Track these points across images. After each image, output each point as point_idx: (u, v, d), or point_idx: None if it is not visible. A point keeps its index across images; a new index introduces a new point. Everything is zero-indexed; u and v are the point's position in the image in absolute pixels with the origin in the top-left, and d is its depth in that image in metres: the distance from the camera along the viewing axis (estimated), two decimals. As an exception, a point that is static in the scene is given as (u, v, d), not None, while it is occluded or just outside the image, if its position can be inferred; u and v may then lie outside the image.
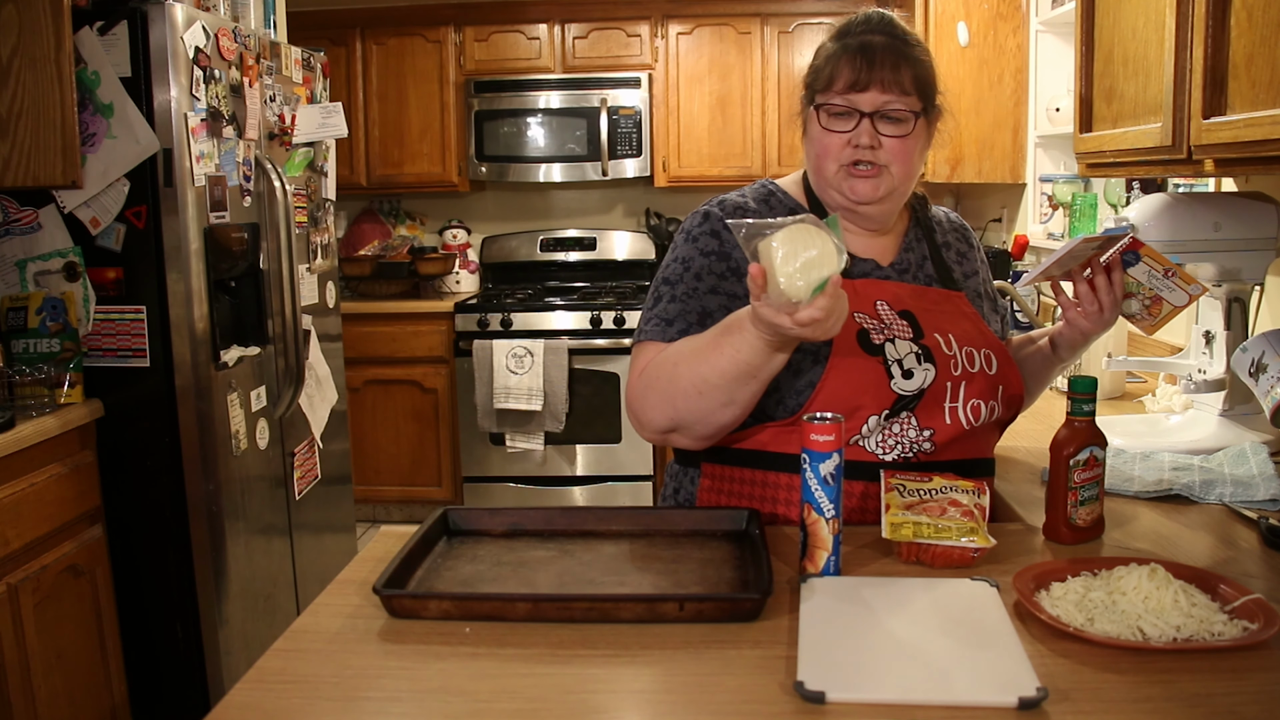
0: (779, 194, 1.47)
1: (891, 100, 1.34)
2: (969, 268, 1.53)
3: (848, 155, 1.36)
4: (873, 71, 1.34)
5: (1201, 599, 1.05)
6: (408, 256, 4.58)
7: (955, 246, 1.54)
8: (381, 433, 4.38)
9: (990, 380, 1.39)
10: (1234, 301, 1.75)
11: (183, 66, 2.30)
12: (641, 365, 1.36)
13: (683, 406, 1.29)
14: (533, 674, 0.97)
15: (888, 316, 1.38)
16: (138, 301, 2.35)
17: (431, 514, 1.33)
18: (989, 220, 4.04)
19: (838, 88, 1.35)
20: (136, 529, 2.42)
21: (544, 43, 4.52)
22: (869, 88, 1.34)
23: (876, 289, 1.40)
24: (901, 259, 1.46)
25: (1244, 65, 1.37)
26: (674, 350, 1.32)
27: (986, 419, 1.40)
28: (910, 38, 1.39)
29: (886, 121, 1.35)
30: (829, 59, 1.37)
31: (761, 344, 1.19)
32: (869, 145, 1.35)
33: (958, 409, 1.36)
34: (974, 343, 1.41)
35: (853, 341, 1.34)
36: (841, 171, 1.37)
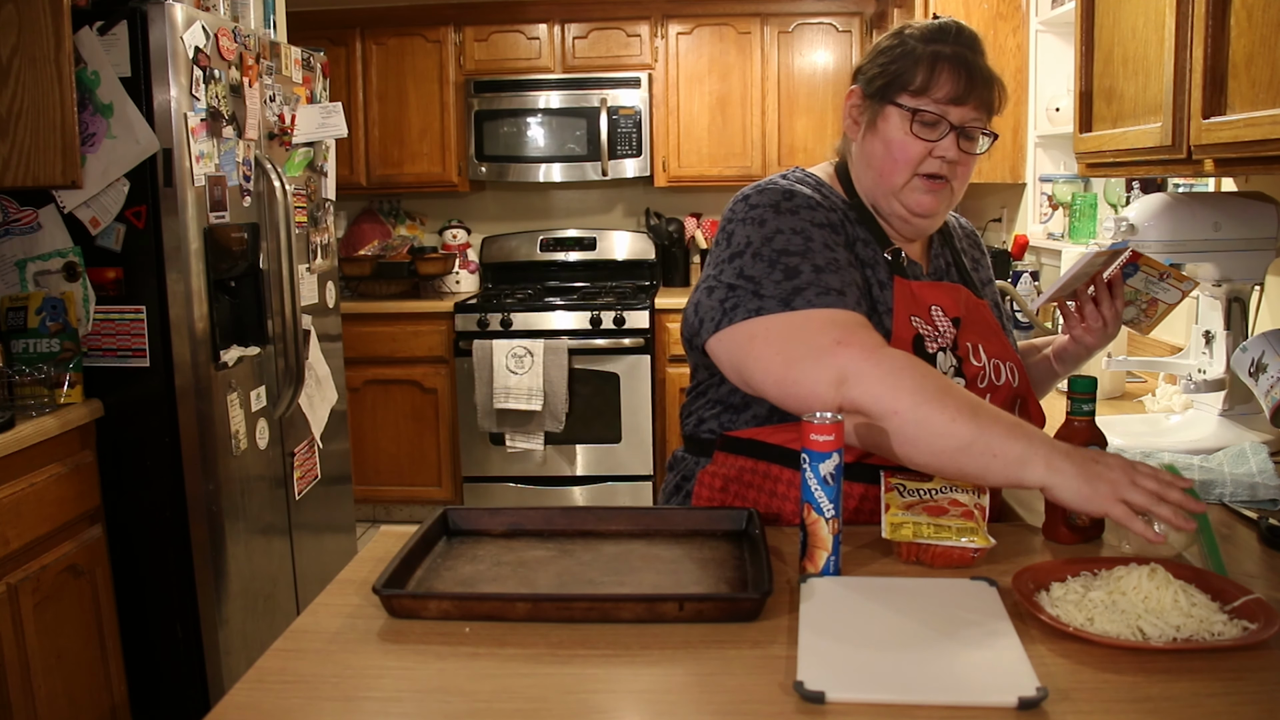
0: (824, 185, 1.40)
1: (979, 119, 1.33)
2: (984, 275, 1.52)
3: (928, 165, 1.32)
4: (973, 88, 1.31)
5: (1201, 599, 1.05)
6: (408, 256, 4.58)
7: (970, 253, 1.53)
8: (381, 433, 4.38)
9: (1012, 392, 1.38)
10: (1234, 301, 1.75)
11: (182, 66, 2.30)
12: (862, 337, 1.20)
13: (925, 413, 1.16)
14: (533, 674, 0.97)
15: (942, 324, 1.34)
16: (137, 301, 2.35)
17: (431, 514, 1.33)
18: (989, 220, 4.04)
19: (936, 96, 1.30)
20: (136, 529, 2.42)
21: (544, 43, 4.52)
22: (966, 102, 1.31)
23: (933, 293, 1.36)
24: (934, 264, 1.45)
25: (1244, 65, 1.37)
26: (944, 377, 1.21)
27: None
28: (987, 57, 1.36)
29: (966, 138, 1.33)
30: (924, 63, 1.31)
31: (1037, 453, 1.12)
32: (953, 159, 1.32)
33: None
34: (1000, 355, 1.39)
35: (908, 347, 1.31)
36: (913, 181, 1.33)
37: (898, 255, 1.35)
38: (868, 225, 1.37)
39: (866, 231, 1.36)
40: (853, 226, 1.35)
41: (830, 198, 1.37)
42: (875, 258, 1.34)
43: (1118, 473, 1.10)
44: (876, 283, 1.33)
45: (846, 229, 1.34)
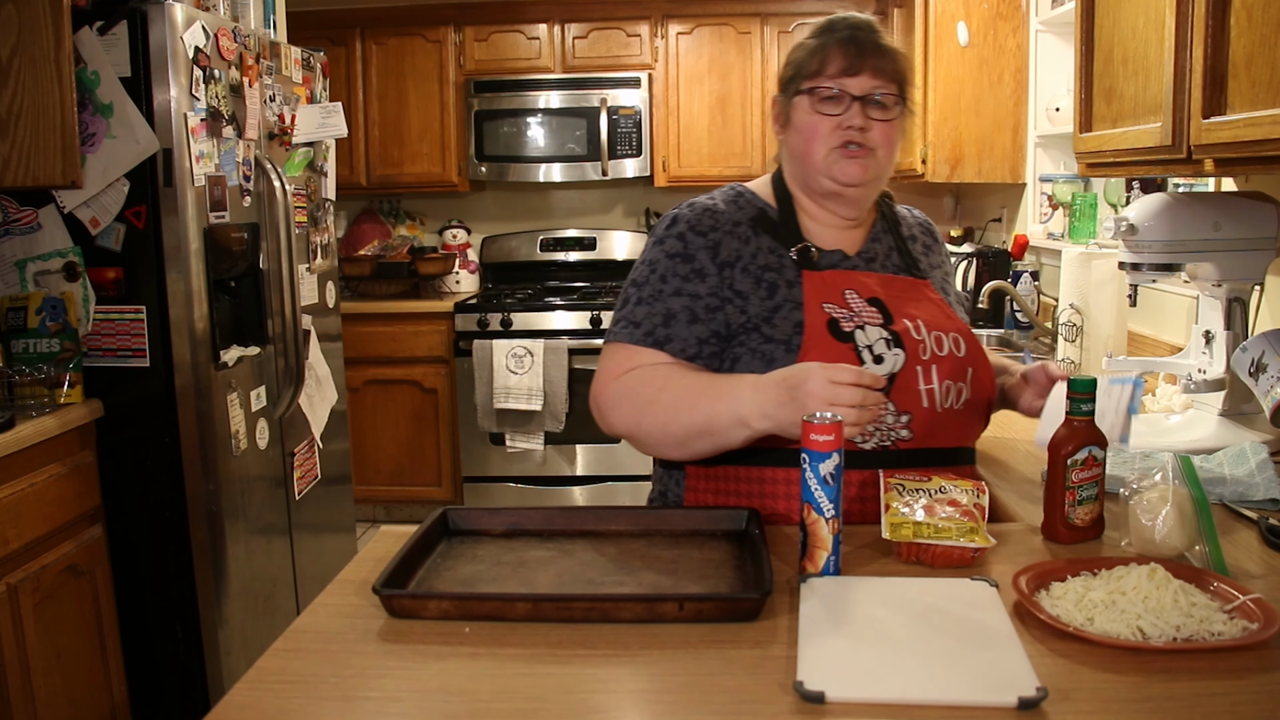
0: (747, 195, 1.51)
1: (880, 85, 1.40)
2: (933, 260, 1.57)
3: (838, 137, 1.40)
4: (864, 59, 1.39)
5: (1201, 598, 1.05)
6: (408, 256, 4.58)
7: (921, 240, 1.58)
8: (381, 433, 4.38)
9: (960, 362, 1.42)
10: (1234, 301, 1.75)
11: (182, 66, 2.30)
12: (616, 368, 1.41)
13: (646, 428, 1.37)
14: (533, 674, 0.97)
15: (857, 304, 1.41)
16: (137, 301, 2.35)
17: (431, 514, 1.33)
18: (989, 220, 4.04)
19: (830, 73, 1.40)
20: (136, 529, 2.42)
21: (544, 43, 4.52)
22: (861, 73, 1.39)
23: (845, 279, 1.43)
24: (868, 249, 1.50)
25: (1244, 65, 1.37)
26: (668, 373, 1.37)
27: (956, 401, 1.42)
28: (888, 35, 1.45)
29: (874, 106, 1.40)
30: (816, 49, 1.42)
31: (748, 409, 1.26)
32: (860, 127, 1.39)
33: (933, 391, 1.39)
34: (941, 326, 1.44)
35: (823, 330, 1.37)
36: (832, 154, 1.41)
37: (806, 251, 1.44)
38: (776, 231, 1.46)
39: (773, 239, 1.45)
40: (754, 239, 1.45)
41: (743, 210, 1.47)
42: (781, 261, 1.43)
43: (817, 389, 1.19)
44: (784, 282, 1.42)
45: (726, 247, 1.43)
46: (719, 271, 1.42)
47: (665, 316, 1.41)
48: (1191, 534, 1.18)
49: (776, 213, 1.48)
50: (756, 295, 1.41)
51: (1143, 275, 1.78)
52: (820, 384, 1.19)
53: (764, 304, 1.40)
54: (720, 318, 1.41)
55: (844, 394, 1.18)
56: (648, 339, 1.40)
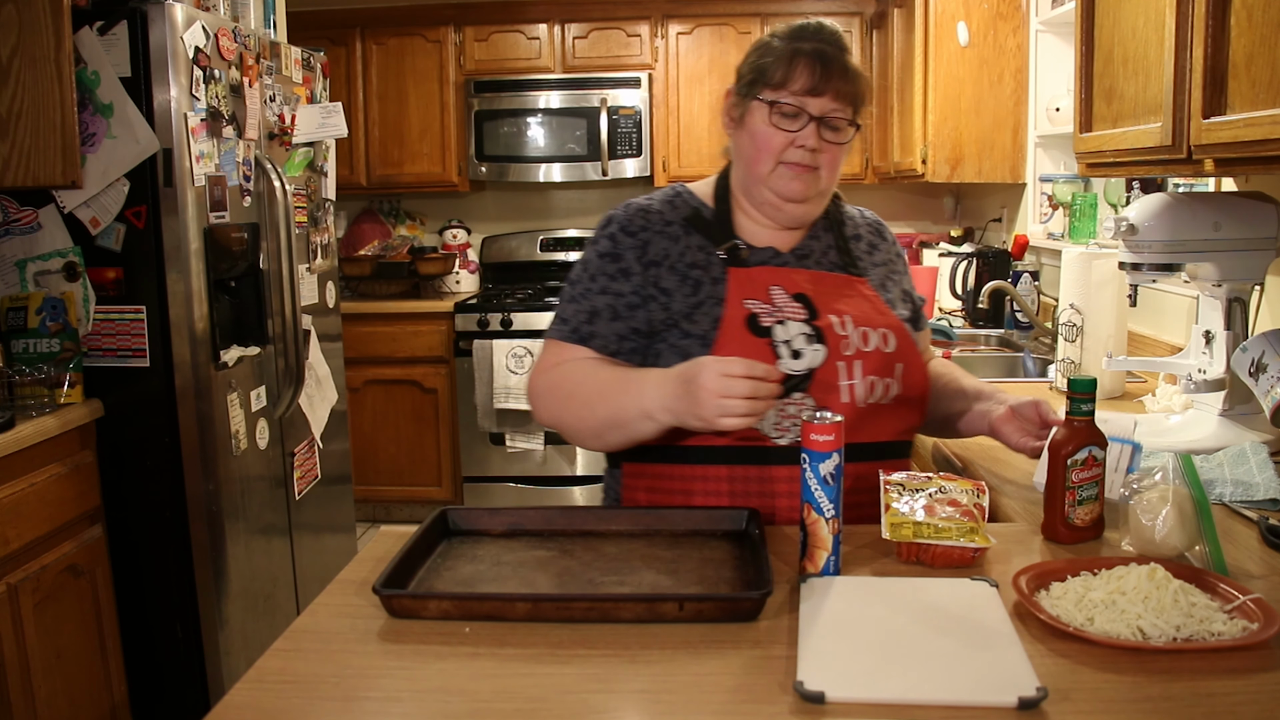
0: (685, 195, 1.53)
1: (838, 109, 1.40)
2: (879, 258, 1.56)
3: (790, 154, 1.41)
4: (829, 80, 1.39)
5: (1201, 599, 1.05)
6: (408, 256, 4.58)
7: (866, 239, 1.58)
8: (381, 433, 4.38)
9: (886, 358, 1.43)
10: (1234, 301, 1.75)
11: (182, 66, 2.30)
12: (545, 364, 1.48)
13: (566, 420, 1.44)
14: (533, 674, 0.97)
15: (780, 300, 1.42)
16: (137, 301, 2.35)
17: (431, 514, 1.33)
18: (989, 220, 4.04)
19: (794, 89, 1.39)
20: (136, 529, 2.42)
21: (544, 43, 4.52)
22: (824, 94, 1.39)
23: (772, 275, 1.45)
24: (804, 246, 1.51)
25: (1244, 65, 1.37)
26: (585, 368, 1.43)
27: (883, 396, 1.42)
28: (851, 52, 1.45)
29: (828, 128, 1.41)
30: (784, 59, 1.41)
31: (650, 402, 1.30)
32: (813, 148, 1.41)
33: (854, 386, 1.40)
34: (871, 322, 1.44)
35: (740, 325, 1.39)
36: (778, 170, 1.42)
37: (735, 249, 1.46)
38: (708, 230, 1.48)
39: (704, 237, 1.48)
40: (684, 238, 1.47)
41: (678, 209, 1.50)
42: (709, 259, 1.46)
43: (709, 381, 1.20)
44: (710, 279, 1.44)
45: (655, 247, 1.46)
46: (644, 270, 1.46)
47: (590, 314, 1.46)
48: (1191, 534, 1.18)
49: (712, 212, 1.51)
50: (680, 292, 1.44)
51: (1143, 275, 1.78)
52: (711, 376, 1.21)
53: (687, 300, 1.43)
54: (641, 315, 1.44)
55: (735, 385, 1.20)
56: (574, 335, 1.46)
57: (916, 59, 3.64)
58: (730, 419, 1.20)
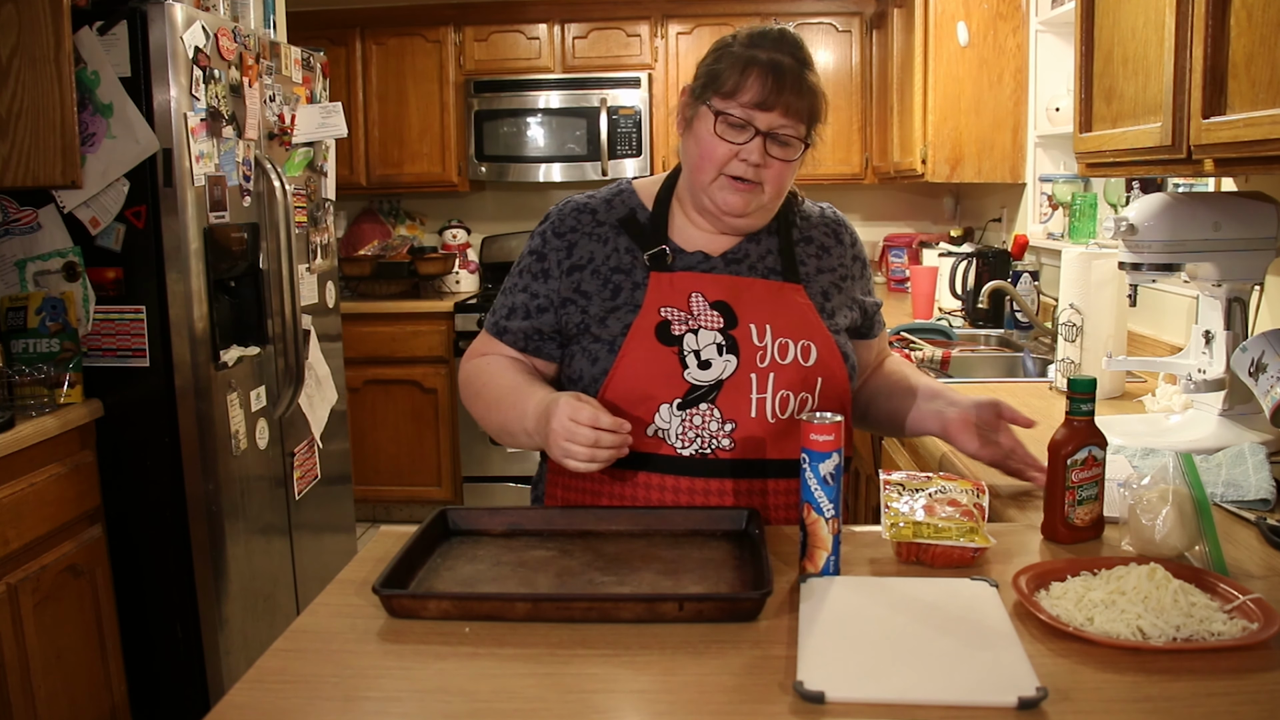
0: (627, 194, 1.52)
1: (787, 125, 1.36)
2: (828, 263, 1.51)
3: (733, 167, 1.37)
4: (780, 95, 1.34)
5: (1201, 598, 1.05)
6: (407, 256, 4.58)
7: (819, 241, 1.52)
8: (381, 433, 4.38)
9: (804, 372, 1.40)
10: (1234, 301, 1.75)
11: (182, 66, 2.30)
12: (474, 351, 1.54)
13: (476, 414, 1.49)
14: (533, 674, 0.97)
15: (698, 307, 1.40)
16: (137, 301, 2.35)
17: (431, 514, 1.33)
18: (989, 220, 4.04)
19: (742, 100, 1.35)
20: (136, 529, 2.42)
21: (544, 43, 4.52)
22: (773, 109, 1.35)
23: (694, 281, 1.43)
24: (739, 249, 1.47)
25: (1244, 65, 1.37)
26: (495, 370, 1.48)
27: (796, 412, 1.40)
28: (812, 65, 1.40)
29: (776, 144, 1.37)
30: (736, 67, 1.36)
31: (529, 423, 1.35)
32: (756, 163, 1.36)
33: (765, 400, 1.38)
34: (793, 334, 1.41)
35: (649, 333, 1.38)
36: (719, 180, 1.39)
37: (661, 255, 1.44)
38: (639, 233, 1.47)
39: (632, 240, 1.46)
40: (614, 239, 1.47)
41: (615, 210, 1.49)
42: (634, 262, 1.45)
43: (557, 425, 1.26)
44: (630, 284, 1.43)
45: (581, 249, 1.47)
46: (564, 275, 1.46)
47: (509, 310, 1.50)
48: (1191, 534, 1.18)
49: (648, 214, 1.48)
50: (600, 296, 1.43)
51: (1143, 275, 1.78)
52: (560, 420, 1.25)
53: (604, 305, 1.43)
54: (549, 319, 1.47)
55: (578, 433, 1.24)
56: (494, 329, 1.52)
57: (916, 59, 3.64)
58: (572, 461, 1.25)
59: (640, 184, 1.54)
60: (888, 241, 4.65)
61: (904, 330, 3.04)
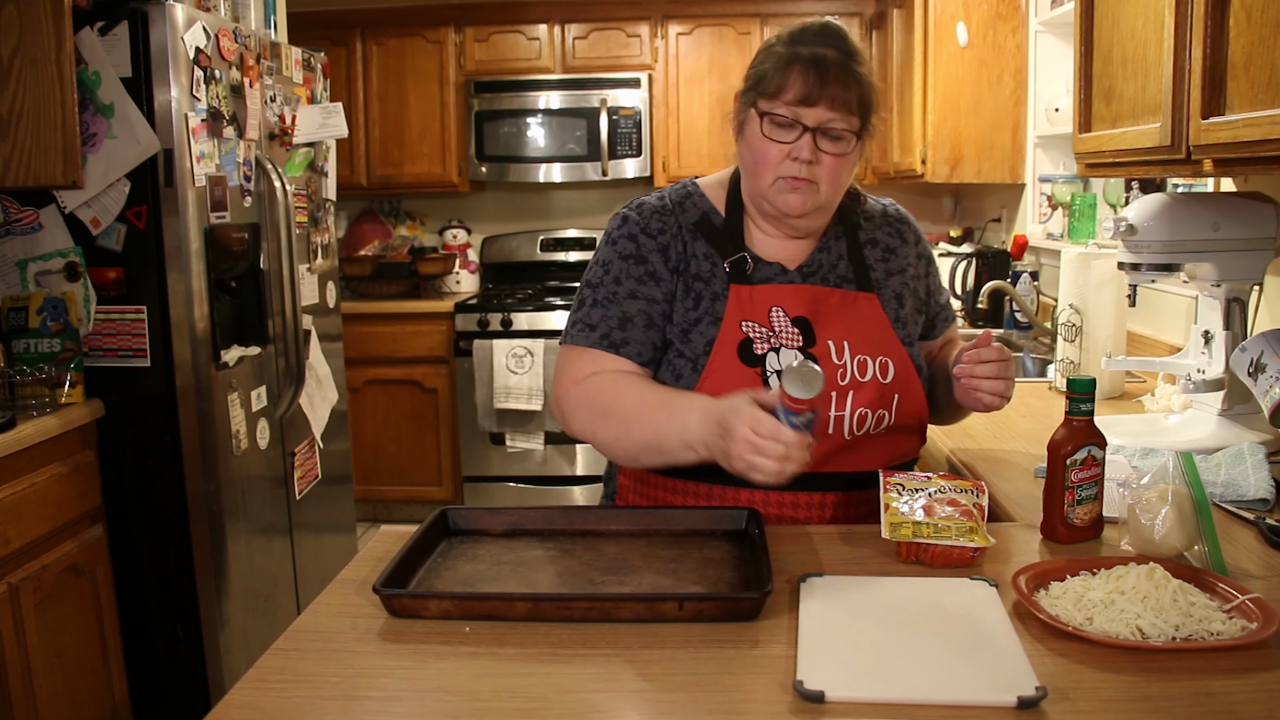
0: (696, 196, 1.48)
1: (836, 119, 1.34)
2: (895, 265, 1.49)
3: (786, 168, 1.36)
4: (824, 88, 1.32)
5: (1200, 598, 1.05)
6: (408, 256, 4.58)
7: (884, 243, 1.51)
8: (381, 433, 4.38)
9: (882, 389, 1.39)
10: (1233, 301, 1.75)
11: (183, 67, 2.30)
12: (577, 372, 1.40)
13: (602, 437, 1.38)
14: (533, 673, 0.97)
15: (779, 324, 1.38)
16: (138, 301, 2.35)
17: (431, 514, 1.33)
18: (989, 220, 4.04)
19: (787, 98, 1.34)
20: (137, 529, 2.42)
21: (544, 43, 4.53)
22: (818, 103, 1.33)
23: (774, 295, 1.40)
24: (813, 260, 1.45)
25: (1243, 65, 1.37)
26: (625, 384, 1.37)
27: (873, 429, 1.39)
28: (859, 55, 1.37)
29: (827, 139, 1.35)
30: (779, 66, 1.35)
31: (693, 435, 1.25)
32: (808, 160, 1.35)
33: (843, 418, 1.36)
34: (871, 350, 1.40)
35: (732, 352, 1.36)
36: (776, 183, 1.37)
37: (741, 264, 1.41)
38: (717, 238, 1.43)
39: (709, 245, 1.42)
40: (691, 244, 1.42)
41: (689, 212, 1.44)
42: (714, 270, 1.41)
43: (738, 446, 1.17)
44: (710, 294, 1.40)
45: (673, 251, 1.42)
46: (672, 276, 1.42)
47: (621, 320, 1.40)
48: (1191, 534, 1.18)
49: (722, 219, 1.45)
50: (684, 305, 1.40)
51: (1142, 275, 1.78)
52: (745, 433, 1.17)
53: (687, 315, 1.39)
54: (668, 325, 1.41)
55: (767, 447, 1.16)
56: (604, 342, 1.40)
57: (916, 59, 3.65)
58: (759, 475, 1.17)
59: (705, 184, 1.50)
60: (888, 241, 4.65)
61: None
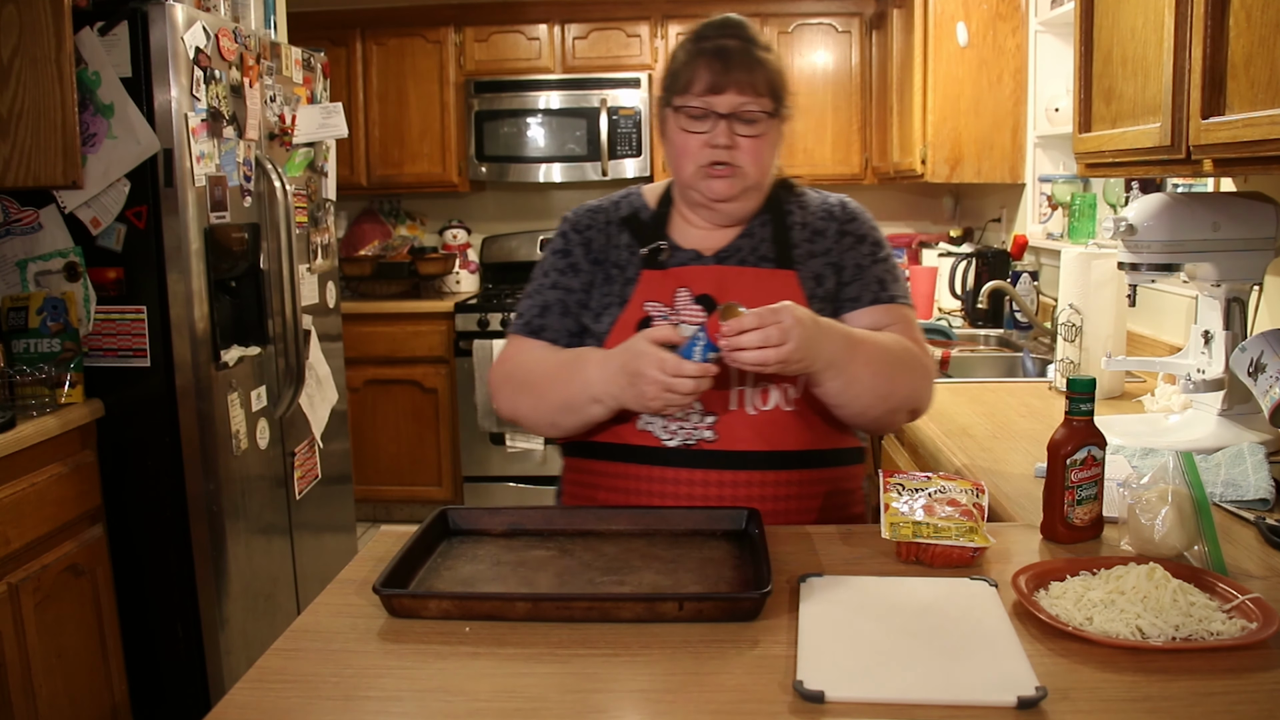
0: (634, 195, 1.56)
1: (746, 102, 1.39)
2: (820, 246, 1.49)
3: (705, 156, 1.41)
4: (730, 74, 1.38)
5: (1200, 598, 1.05)
6: (408, 256, 4.58)
7: (813, 225, 1.50)
8: (381, 433, 4.38)
9: None
10: (1233, 301, 1.75)
11: (183, 67, 2.30)
12: (504, 357, 1.52)
13: (523, 411, 1.47)
14: (533, 674, 0.97)
15: (681, 302, 1.43)
16: (138, 301, 2.35)
17: (431, 514, 1.33)
18: (989, 220, 4.04)
19: (697, 90, 1.40)
20: (137, 529, 2.42)
21: (544, 43, 4.53)
22: (725, 90, 1.39)
23: (682, 276, 1.46)
24: (732, 245, 1.49)
25: (1243, 65, 1.37)
26: (535, 358, 1.47)
27: (783, 402, 1.40)
28: (761, 42, 1.44)
29: (741, 123, 1.40)
30: (686, 62, 1.42)
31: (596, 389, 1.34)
32: (725, 145, 1.40)
33: (745, 392, 1.40)
34: None
35: (631, 330, 1.41)
36: (699, 172, 1.42)
37: (657, 251, 1.48)
38: (640, 230, 1.51)
39: (632, 237, 1.50)
40: (617, 236, 1.51)
41: (621, 209, 1.54)
42: (631, 258, 1.49)
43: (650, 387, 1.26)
44: (623, 280, 1.48)
45: (596, 243, 1.51)
46: (591, 267, 1.50)
47: (542, 308, 1.51)
48: (1191, 534, 1.19)
49: (651, 213, 1.52)
50: (600, 291, 1.49)
51: (1142, 275, 1.78)
52: (654, 373, 1.25)
53: (602, 300, 1.48)
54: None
55: (677, 384, 1.25)
56: (526, 329, 1.51)
57: (916, 59, 3.64)
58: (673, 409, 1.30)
59: (647, 188, 1.59)
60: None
61: (904, 330, 3.03)
